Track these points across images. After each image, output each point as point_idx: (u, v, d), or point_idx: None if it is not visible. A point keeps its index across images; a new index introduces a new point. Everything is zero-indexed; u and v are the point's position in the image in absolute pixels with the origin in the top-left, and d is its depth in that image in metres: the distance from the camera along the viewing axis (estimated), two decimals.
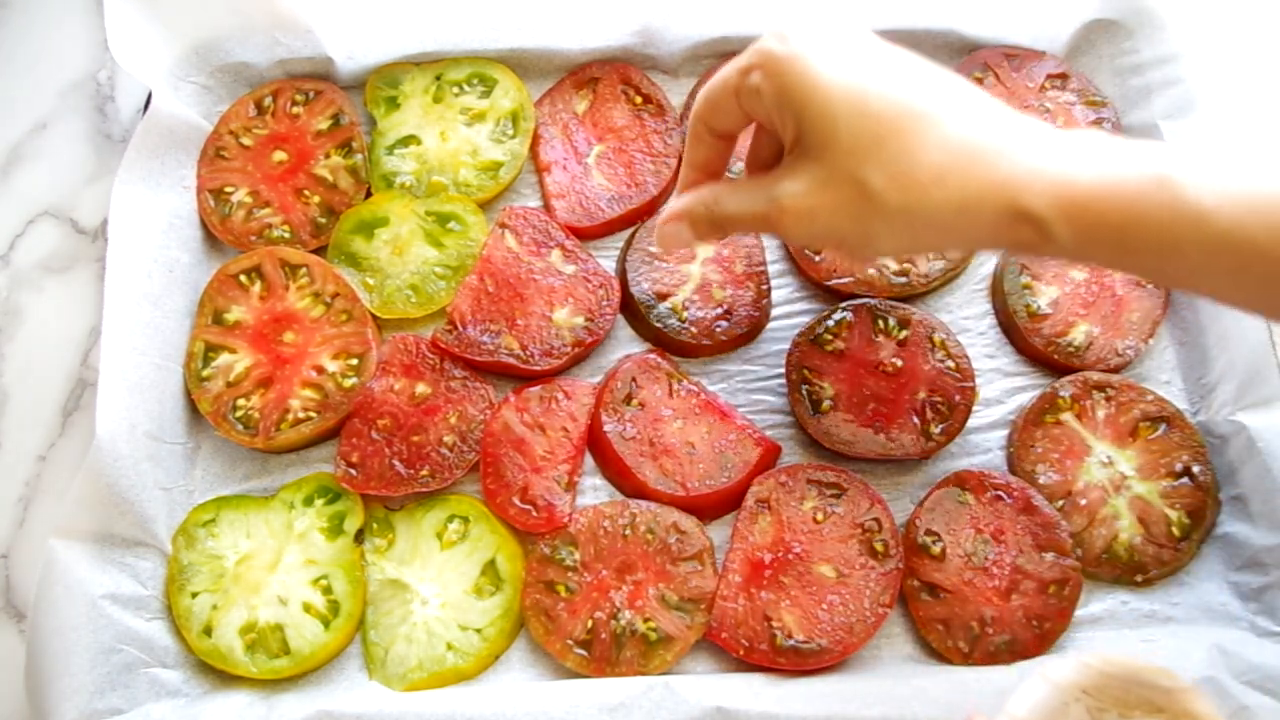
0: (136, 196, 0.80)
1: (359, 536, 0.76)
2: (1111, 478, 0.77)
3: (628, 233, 0.86)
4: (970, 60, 0.88)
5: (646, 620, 0.73)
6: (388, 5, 0.87)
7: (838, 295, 0.83)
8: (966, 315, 0.84)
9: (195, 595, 0.74)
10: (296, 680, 0.73)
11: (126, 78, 0.92)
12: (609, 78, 0.89)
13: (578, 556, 0.75)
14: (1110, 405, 0.78)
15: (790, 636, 0.71)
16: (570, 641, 0.72)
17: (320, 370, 0.79)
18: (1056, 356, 0.80)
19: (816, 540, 0.74)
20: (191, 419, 0.80)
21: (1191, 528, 0.75)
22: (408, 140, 0.87)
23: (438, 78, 0.88)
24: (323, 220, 0.85)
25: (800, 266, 0.84)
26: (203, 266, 0.84)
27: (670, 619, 0.73)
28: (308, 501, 0.77)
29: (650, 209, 0.86)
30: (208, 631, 0.73)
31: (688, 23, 0.87)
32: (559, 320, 0.81)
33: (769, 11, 0.86)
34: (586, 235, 0.85)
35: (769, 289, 0.83)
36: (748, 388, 0.82)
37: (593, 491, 0.79)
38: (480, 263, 0.82)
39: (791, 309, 0.84)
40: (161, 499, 0.75)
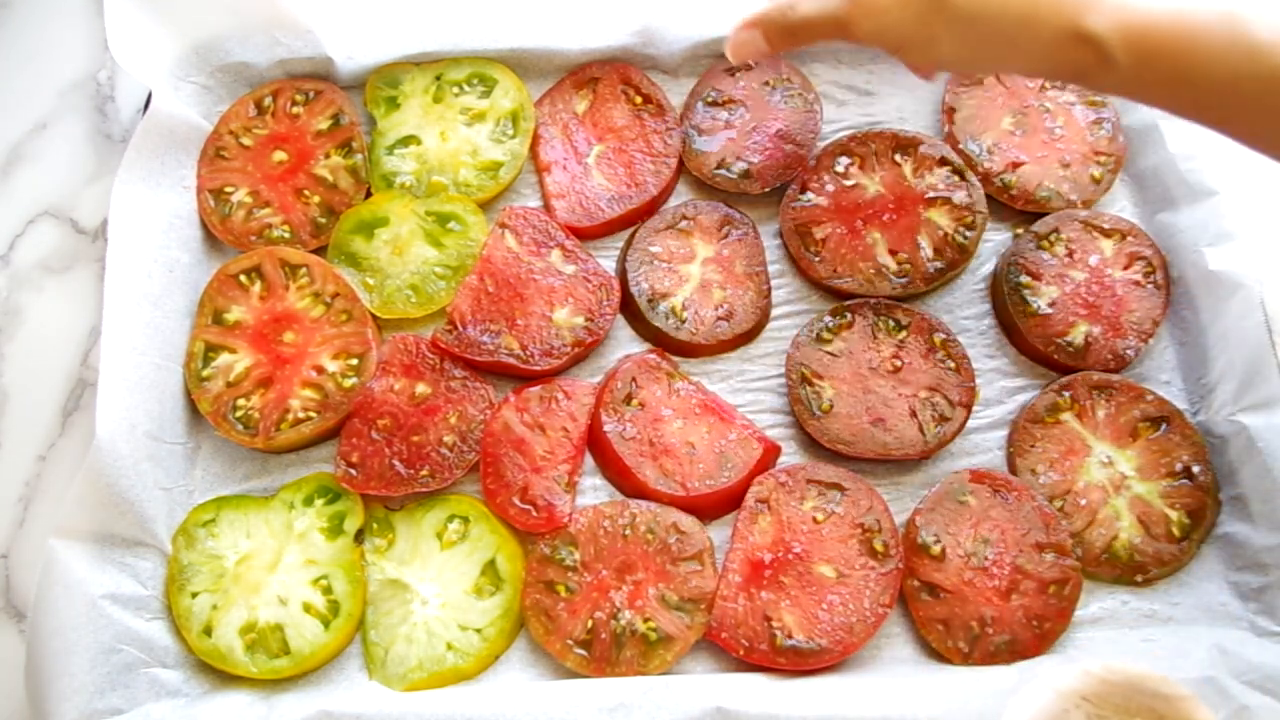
0: (136, 196, 0.80)
1: (359, 536, 0.76)
2: (1111, 478, 0.77)
3: (628, 233, 0.86)
4: None
5: (646, 620, 0.73)
6: (388, 5, 0.88)
7: (838, 295, 0.83)
8: (966, 315, 0.84)
9: (195, 595, 0.74)
10: (296, 680, 0.73)
11: (126, 78, 0.92)
12: (609, 78, 0.89)
13: (578, 556, 0.75)
14: (1110, 405, 0.78)
15: (790, 636, 0.71)
16: (570, 641, 0.72)
17: (320, 370, 0.79)
18: (1056, 356, 0.80)
19: (816, 540, 0.74)
20: (191, 419, 0.80)
21: (1191, 528, 0.75)
22: (408, 140, 0.87)
23: (438, 78, 0.88)
24: (323, 220, 0.85)
25: (800, 266, 0.84)
26: (203, 266, 0.84)
27: (670, 619, 0.73)
28: (308, 501, 0.77)
29: (650, 209, 0.86)
30: (208, 631, 0.73)
31: (688, 23, 0.88)
32: (559, 320, 0.81)
33: None
34: (586, 235, 0.85)
35: (769, 289, 0.83)
36: (748, 388, 0.82)
37: (593, 491, 0.79)
38: (480, 263, 0.82)
39: (791, 309, 0.84)
40: (161, 499, 0.75)
